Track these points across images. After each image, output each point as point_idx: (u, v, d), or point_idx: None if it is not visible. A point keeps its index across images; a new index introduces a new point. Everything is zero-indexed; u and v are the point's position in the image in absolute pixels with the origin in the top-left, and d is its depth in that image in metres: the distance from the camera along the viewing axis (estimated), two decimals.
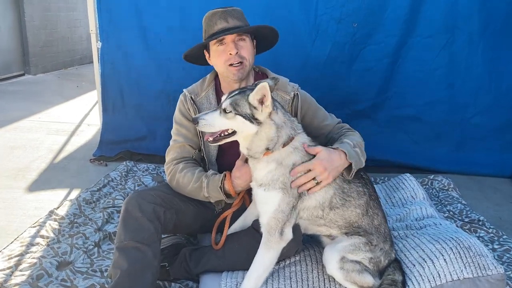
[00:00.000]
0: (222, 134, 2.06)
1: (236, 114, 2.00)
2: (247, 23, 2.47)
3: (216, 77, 2.61)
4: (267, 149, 2.06)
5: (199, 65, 2.69)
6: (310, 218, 2.17)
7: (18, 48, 8.76)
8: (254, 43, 2.53)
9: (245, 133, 2.04)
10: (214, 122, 2.03)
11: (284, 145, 2.08)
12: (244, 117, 1.99)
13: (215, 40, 2.38)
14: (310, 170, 2.07)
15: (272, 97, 2.04)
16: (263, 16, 3.98)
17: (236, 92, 2.07)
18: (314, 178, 2.07)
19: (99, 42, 4.26)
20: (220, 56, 2.40)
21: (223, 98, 2.11)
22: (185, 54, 2.57)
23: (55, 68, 9.82)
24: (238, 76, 2.39)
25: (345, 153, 2.14)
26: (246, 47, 2.40)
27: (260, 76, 2.58)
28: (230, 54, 2.35)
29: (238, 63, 2.37)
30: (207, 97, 2.53)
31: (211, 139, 2.07)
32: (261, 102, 1.99)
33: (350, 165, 2.15)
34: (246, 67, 2.41)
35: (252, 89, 2.02)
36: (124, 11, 4.15)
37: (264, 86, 1.96)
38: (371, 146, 4.19)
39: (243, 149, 2.13)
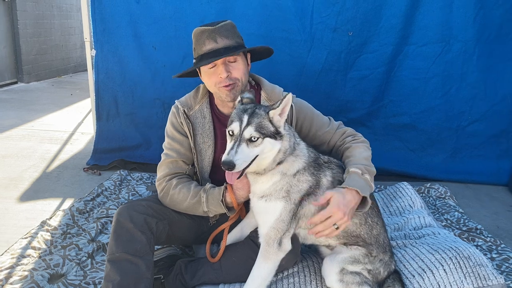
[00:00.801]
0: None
1: (264, 137, 1.94)
2: (238, 38, 2.37)
3: None
4: (279, 163, 2.04)
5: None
6: (309, 227, 2.13)
7: (11, 56, 8.71)
8: (248, 57, 2.45)
9: (270, 153, 1.99)
10: (247, 157, 1.92)
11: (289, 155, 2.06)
12: (271, 137, 1.96)
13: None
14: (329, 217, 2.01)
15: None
16: (259, 25, 3.99)
17: (248, 115, 1.97)
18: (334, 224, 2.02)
19: (93, 50, 4.24)
20: (210, 78, 2.32)
21: (235, 126, 1.97)
22: (177, 76, 2.47)
23: (49, 76, 9.77)
24: (231, 97, 2.32)
25: (356, 190, 2.05)
26: (238, 68, 2.31)
27: (254, 88, 2.50)
28: (221, 77, 2.27)
29: (229, 85, 2.29)
30: (201, 111, 2.45)
31: (240, 173, 1.96)
32: (280, 115, 1.99)
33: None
34: (239, 87, 2.33)
35: (257, 107, 2.01)
36: (118, 19, 4.13)
37: (289, 98, 1.96)
38: None
39: (258, 170, 2.05)
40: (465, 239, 2.99)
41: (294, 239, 2.16)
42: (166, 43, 4.15)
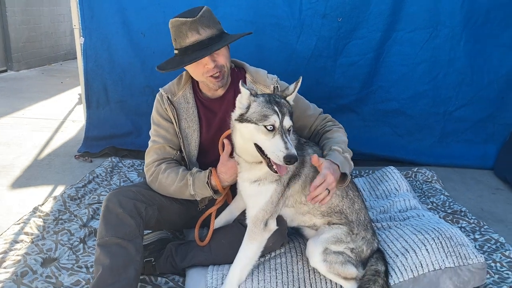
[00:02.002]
0: None
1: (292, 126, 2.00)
2: (218, 25, 2.36)
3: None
4: None
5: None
6: (295, 205, 2.20)
7: (0, 44, 8.63)
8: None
9: None
10: (294, 148, 1.89)
11: None
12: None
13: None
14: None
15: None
16: (247, 10, 3.98)
17: (276, 106, 1.95)
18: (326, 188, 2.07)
19: (81, 37, 4.22)
20: (197, 69, 2.33)
21: (274, 119, 1.91)
22: (159, 68, 2.44)
23: (38, 64, 9.70)
24: (218, 86, 2.36)
25: (337, 165, 2.13)
26: (222, 54, 2.32)
27: (236, 72, 2.53)
28: (208, 67, 2.29)
29: (217, 73, 2.31)
30: (185, 97, 2.48)
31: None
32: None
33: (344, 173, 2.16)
34: (225, 73, 2.36)
35: (274, 96, 2.06)
36: (106, 6, 4.10)
37: (299, 81, 2.10)
38: (355, 140, 4.24)
39: (257, 158, 2.03)
40: (449, 221, 3.07)
41: (281, 222, 2.22)
42: (155, 29, 4.13)
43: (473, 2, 4.02)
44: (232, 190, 2.40)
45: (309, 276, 2.21)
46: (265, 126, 1.90)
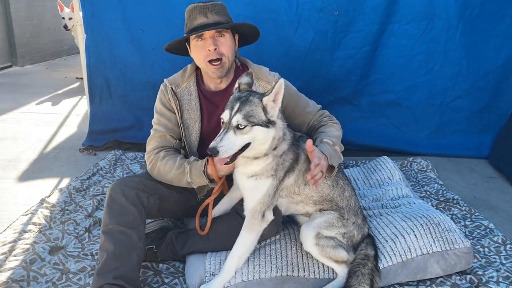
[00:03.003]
0: (239, 151, 2.02)
1: (253, 125, 1.97)
2: (228, 18, 2.51)
3: (197, 68, 2.65)
4: (274, 148, 2.13)
5: (181, 56, 2.76)
6: (288, 196, 2.30)
7: (5, 40, 8.74)
8: (236, 38, 2.58)
9: (263, 140, 2.04)
10: (233, 144, 1.96)
11: None
12: (261, 125, 1.99)
13: (194, 35, 2.43)
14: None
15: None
16: (246, 6, 4.05)
17: (239, 103, 2.00)
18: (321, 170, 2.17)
19: (84, 34, 4.31)
20: (199, 52, 2.45)
21: (225, 114, 2.01)
22: (166, 47, 2.63)
23: (42, 59, 9.80)
24: (217, 75, 2.47)
25: (326, 156, 2.22)
26: (226, 43, 2.44)
27: (241, 70, 2.63)
28: (209, 50, 2.40)
29: (217, 60, 2.41)
30: (188, 89, 2.59)
31: (229, 160, 2.00)
32: (274, 101, 2.03)
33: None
34: (226, 63, 2.46)
35: (251, 94, 2.06)
36: (106, 3, 4.17)
37: (281, 84, 1.99)
38: (353, 131, 4.37)
39: (249, 155, 2.11)
40: (441, 208, 3.17)
41: (276, 211, 2.32)
42: (154, 25, 4.20)
43: None
44: (229, 180, 2.48)
45: (302, 261, 2.32)
46: (220, 119, 2.02)
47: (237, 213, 2.43)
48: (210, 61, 2.43)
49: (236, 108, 1.98)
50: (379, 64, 4.34)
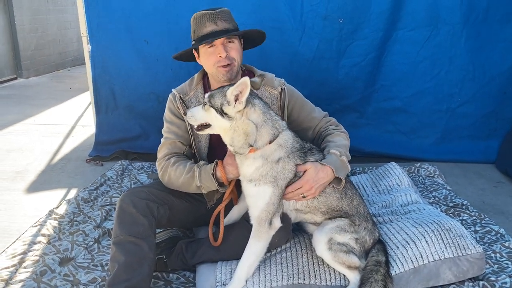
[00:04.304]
0: (203, 126, 2.22)
1: (210, 106, 2.13)
2: (235, 24, 2.55)
3: (204, 76, 2.68)
4: (250, 145, 2.15)
5: (187, 62, 2.80)
6: (295, 207, 2.31)
7: (10, 52, 8.82)
8: (242, 42, 2.62)
9: (217, 127, 2.17)
10: (196, 115, 2.20)
11: (270, 142, 2.18)
12: (216, 110, 2.12)
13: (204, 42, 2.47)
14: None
15: (258, 96, 2.19)
16: (250, 14, 4.07)
17: (219, 87, 2.20)
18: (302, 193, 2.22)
19: (89, 45, 4.33)
20: (209, 58, 2.48)
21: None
22: (175, 56, 2.67)
23: (47, 71, 9.87)
24: (227, 77, 2.48)
25: (332, 169, 2.23)
26: (235, 48, 2.49)
27: (246, 74, 2.65)
28: (220, 56, 2.43)
29: (227, 64, 2.45)
30: (196, 96, 2.61)
31: (195, 126, 2.26)
32: (237, 97, 2.08)
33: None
34: (235, 67, 2.49)
35: (231, 84, 2.14)
36: (111, 14, 4.21)
37: (244, 81, 2.03)
38: (359, 139, 4.37)
39: (227, 145, 2.23)
40: (451, 214, 3.15)
41: (286, 218, 2.31)
42: (158, 36, 4.24)
43: None
44: (238, 191, 2.48)
45: (314, 268, 2.30)
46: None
47: (246, 222, 2.42)
48: (220, 65, 2.47)
49: (212, 90, 2.21)
50: (385, 71, 4.35)
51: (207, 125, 2.20)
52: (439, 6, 4.13)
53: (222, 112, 2.11)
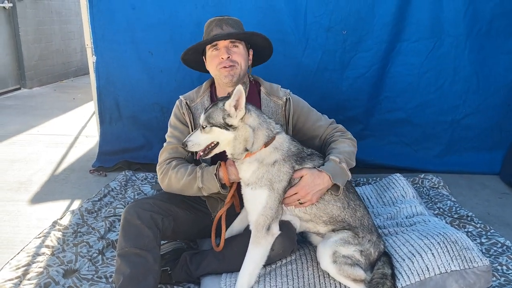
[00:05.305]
0: (208, 148, 2.23)
1: (211, 126, 2.16)
2: (241, 30, 2.60)
3: (212, 84, 2.72)
4: (246, 150, 2.19)
5: (190, 73, 2.83)
6: (295, 214, 2.32)
7: (14, 63, 8.85)
8: (251, 53, 2.66)
9: (225, 141, 2.20)
10: (198, 140, 2.21)
11: (266, 145, 2.21)
12: (219, 127, 2.16)
13: (209, 45, 2.53)
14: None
15: (249, 103, 2.22)
16: (253, 26, 3.99)
17: (210, 106, 2.24)
18: (298, 199, 2.25)
19: (93, 56, 4.36)
20: (213, 61, 2.54)
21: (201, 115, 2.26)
22: (182, 57, 2.71)
23: (50, 81, 9.90)
24: (229, 79, 2.51)
25: (329, 176, 2.24)
26: (239, 53, 2.53)
27: (252, 85, 2.70)
28: (222, 58, 2.49)
29: (229, 66, 2.49)
30: (202, 103, 2.65)
31: (201, 153, 2.25)
32: (236, 107, 2.14)
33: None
34: (238, 70, 2.53)
35: (224, 100, 2.18)
36: (116, 25, 4.23)
37: (239, 89, 2.10)
38: (363, 150, 4.33)
39: (228, 154, 2.26)
40: (456, 226, 3.14)
41: (290, 228, 2.32)
42: (162, 48, 4.25)
43: (476, 11, 4.08)
44: (240, 198, 2.47)
45: (319, 281, 2.29)
46: None
47: (250, 232, 2.41)
48: (222, 67, 2.51)
49: (205, 110, 2.24)
50: (389, 82, 4.34)
51: (214, 146, 2.23)
52: (442, 17, 4.13)
53: (226, 126, 2.15)
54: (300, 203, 2.26)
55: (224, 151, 2.28)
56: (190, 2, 4.12)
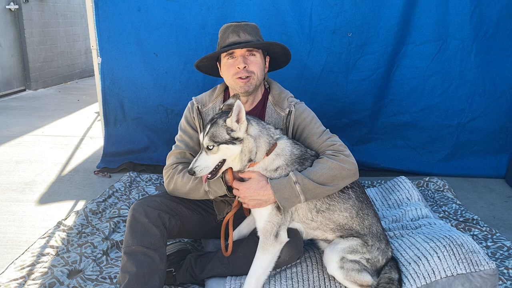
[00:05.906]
0: (215, 168, 2.17)
1: (218, 145, 2.11)
2: (260, 39, 2.51)
3: (226, 89, 2.64)
4: (250, 160, 2.18)
5: (195, 75, 2.77)
6: (303, 221, 2.29)
7: (19, 64, 8.89)
8: (267, 60, 2.59)
9: (232, 156, 2.16)
10: (206, 163, 2.14)
11: (268, 153, 2.19)
12: (226, 143, 2.11)
13: (225, 53, 2.45)
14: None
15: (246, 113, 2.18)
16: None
17: (208, 126, 2.16)
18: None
19: (99, 57, 4.37)
20: (228, 70, 2.45)
21: (200, 137, 2.22)
22: (196, 64, 2.62)
23: (55, 83, 9.94)
24: (244, 89, 2.44)
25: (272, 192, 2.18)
26: (256, 62, 2.44)
27: (265, 92, 2.63)
28: (238, 68, 2.40)
29: (246, 77, 2.42)
30: (214, 109, 2.57)
31: (209, 176, 2.18)
32: (237, 121, 2.11)
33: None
34: (254, 81, 2.44)
35: (221, 116, 2.15)
36: (121, 27, 4.24)
37: (238, 104, 2.08)
38: (368, 153, 4.36)
39: (235, 169, 2.23)
40: (461, 229, 3.12)
41: (297, 235, 2.30)
42: (167, 49, 4.26)
43: (482, 14, 4.07)
44: None
45: (325, 284, 2.28)
46: None
47: (256, 236, 2.40)
48: (239, 77, 2.43)
49: (206, 131, 2.15)
50: (394, 85, 4.33)
51: (221, 165, 2.18)
52: (448, 20, 4.13)
53: (232, 140, 2.12)
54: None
55: None
56: (195, 4, 4.12)
